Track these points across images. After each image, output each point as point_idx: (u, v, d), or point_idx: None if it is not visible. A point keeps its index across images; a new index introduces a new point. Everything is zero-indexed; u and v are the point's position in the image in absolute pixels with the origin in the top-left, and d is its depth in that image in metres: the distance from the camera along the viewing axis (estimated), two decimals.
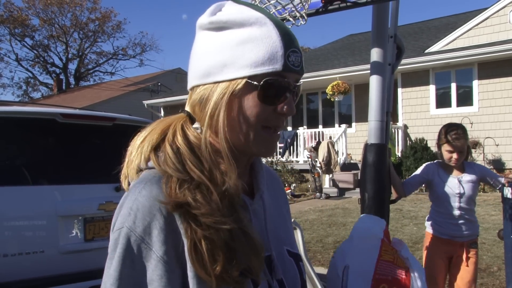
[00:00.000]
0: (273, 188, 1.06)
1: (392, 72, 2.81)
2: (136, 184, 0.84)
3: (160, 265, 0.78)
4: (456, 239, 3.20)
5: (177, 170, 0.83)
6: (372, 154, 2.59)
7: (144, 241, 0.79)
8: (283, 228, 1.02)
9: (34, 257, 3.13)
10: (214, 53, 0.86)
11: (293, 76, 0.87)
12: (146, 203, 0.80)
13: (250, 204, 0.91)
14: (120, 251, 0.79)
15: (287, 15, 2.47)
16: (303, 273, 0.99)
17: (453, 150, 3.12)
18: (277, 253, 0.94)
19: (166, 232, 0.79)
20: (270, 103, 0.85)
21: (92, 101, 23.75)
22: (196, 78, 0.89)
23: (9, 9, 33.76)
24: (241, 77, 0.84)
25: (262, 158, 1.01)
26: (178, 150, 0.85)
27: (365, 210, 2.57)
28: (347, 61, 14.88)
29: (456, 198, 3.16)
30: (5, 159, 3.37)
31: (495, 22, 12.07)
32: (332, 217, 9.00)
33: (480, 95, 12.17)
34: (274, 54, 0.83)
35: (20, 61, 37.73)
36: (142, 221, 0.79)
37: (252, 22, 0.85)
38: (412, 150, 12.11)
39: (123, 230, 0.80)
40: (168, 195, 0.80)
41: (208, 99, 0.86)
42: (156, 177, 0.83)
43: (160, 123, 0.91)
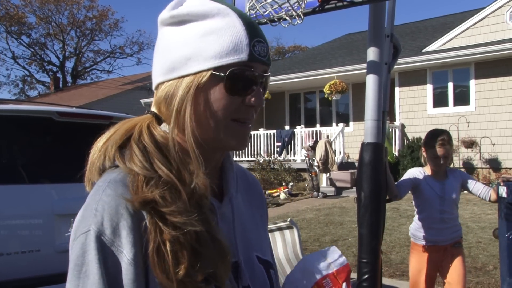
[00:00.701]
0: (247, 192, 1.01)
1: (389, 71, 2.82)
2: (99, 183, 0.80)
3: (131, 268, 0.73)
4: (440, 244, 3.27)
5: (144, 168, 0.78)
6: (368, 153, 2.59)
7: (114, 244, 0.73)
8: (254, 234, 0.97)
9: (30, 256, 3.13)
10: (177, 47, 0.83)
11: (260, 66, 0.84)
12: (112, 202, 0.75)
13: (218, 207, 0.87)
14: (95, 256, 0.72)
15: (284, 14, 2.47)
16: (273, 281, 0.95)
17: (438, 155, 3.20)
18: (246, 259, 0.90)
19: (135, 232, 0.74)
20: (237, 95, 0.82)
21: (89, 99, 23.70)
22: (160, 75, 0.86)
23: (5, 6, 33.64)
24: (206, 69, 0.81)
25: (233, 158, 0.98)
26: (145, 148, 0.82)
27: (362, 209, 2.57)
28: (345, 60, 14.90)
29: (440, 202, 3.24)
30: (1, 158, 3.36)
31: (491, 22, 12.10)
32: (329, 216, 9.01)
33: (476, 95, 12.20)
34: (238, 44, 0.81)
35: (17, 59, 37.72)
36: (110, 222, 0.74)
37: (214, 13, 0.83)
38: (409, 149, 12.13)
39: (90, 233, 0.73)
40: (135, 193, 0.76)
41: (173, 95, 0.83)
42: (120, 175, 0.79)
43: (125, 124, 0.87)
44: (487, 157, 11.97)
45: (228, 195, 0.91)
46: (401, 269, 5.44)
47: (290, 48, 43.05)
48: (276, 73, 16.21)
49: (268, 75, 0.87)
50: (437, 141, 3.21)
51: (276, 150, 14.32)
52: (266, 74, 0.86)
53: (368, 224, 2.52)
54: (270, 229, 3.87)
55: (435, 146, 3.21)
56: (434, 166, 3.26)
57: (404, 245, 6.48)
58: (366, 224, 2.52)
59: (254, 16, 2.59)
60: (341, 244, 6.73)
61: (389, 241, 6.66)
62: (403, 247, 6.41)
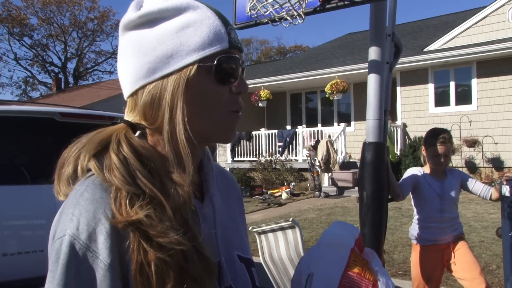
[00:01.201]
0: (225, 190, 1.00)
1: (390, 71, 2.82)
2: (77, 187, 0.76)
3: (109, 274, 0.71)
4: (441, 242, 3.26)
5: (126, 183, 0.74)
6: (370, 152, 2.60)
7: (90, 249, 0.71)
8: (235, 232, 0.96)
9: (33, 256, 3.14)
10: (153, 47, 0.79)
11: (238, 53, 0.84)
12: (89, 206, 0.73)
13: (199, 208, 0.85)
14: (63, 262, 0.70)
15: (285, 14, 2.47)
16: (255, 279, 0.94)
17: (439, 153, 3.19)
18: (227, 258, 0.89)
19: (112, 237, 0.71)
20: (227, 83, 0.81)
21: (91, 100, 23.72)
22: (138, 80, 0.81)
23: (7, 8, 33.74)
24: (192, 62, 0.79)
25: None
26: (126, 160, 0.77)
27: (364, 209, 2.57)
28: (346, 60, 14.88)
29: (440, 201, 3.23)
30: (4, 158, 3.37)
31: (494, 20, 12.08)
32: (331, 216, 9.01)
33: (479, 94, 12.18)
34: (218, 33, 0.81)
35: (19, 60, 37.79)
36: (86, 226, 0.71)
37: (184, 7, 0.81)
38: (411, 149, 12.12)
39: (65, 238, 0.71)
40: (118, 212, 0.72)
41: (160, 96, 0.79)
42: (98, 180, 0.76)
43: (98, 134, 0.83)
44: (490, 156, 11.94)
45: (208, 194, 0.89)
46: (404, 269, 5.44)
47: (291, 48, 43.10)
48: (278, 73, 16.21)
49: (243, 60, 0.87)
50: (438, 139, 3.20)
51: (277, 150, 14.32)
52: (242, 60, 0.86)
53: (370, 224, 2.52)
54: (272, 229, 3.88)
55: (435, 144, 3.20)
56: (434, 165, 3.25)
57: (406, 245, 6.47)
58: (369, 224, 2.52)
59: (255, 16, 2.59)
60: None
61: (391, 240, 6.65)
62: (405, 246, 6.40)
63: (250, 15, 2.65)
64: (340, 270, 0.94)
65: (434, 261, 3.30)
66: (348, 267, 0.94)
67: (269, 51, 46.08)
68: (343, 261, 0.95)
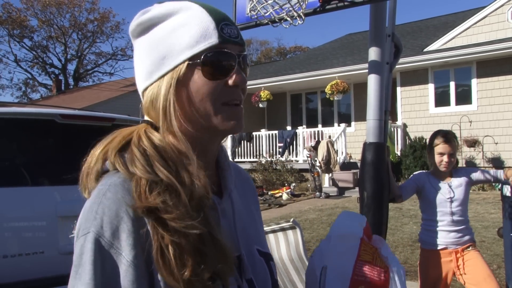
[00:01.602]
0: (241, 186, 1.03)
1: (390, 71, 2.82)
2: (99, 187, 0.81)
3: (131, 269, 0.74)
4: (450, 247, 3.16)
5: (146, 171, 0.79)
6: (370, 153, 2.60)
7: (113, 246, 0.75)
8: (253, 227, 1.00)
9: (34, 258, 3.14)
10: (150, 51, 0.86)
11: (234, 47, 0.86)
12: (112, 205, 0.77)
13: (218, 203, 0.88)
14: (90, 258, 0.74)
15: (285, 15, 2.47)
16: (274, 273, 0.97)
17: (444, 152, 3.14)
18: (247, 252, 0.92)
19: (135, 235, 0.76)
20: (218, 78, 0.84)
21: (91, 101, 23.72)
22: (142, 81, 0.88)
23: (7, 10, 33.74)
24: (182, 61, 0.83)
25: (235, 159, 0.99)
26: (145, 152, 0.82)
27: (364, 209, 2.58)
28: (346, 61, 14.89)
29: (448, 204, 3.16)
30: (4, 160, 3.37)
31: (493, 20, 12.08)
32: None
33: (479, 94, 12.18)
34: (206, 30, 0.83)
35: (19, 62, 37.74)
36: (109, 224, 0.76)
37: (176, 10, 0.86)
38: (412, 149, 12.12)
39: (89, 235, 0.76)
40: (139, 199, 0.77)
41: (157, 95, 0.85)
42: (121, 178, 0.80)
43: (121, 132, 0.89)
44: (490, 156, 11.94)
45: (227, 190, 0.93)
46: (405, 269, 5.43)
47: (291, 48, 43.11)
48: (278, 73, 16.22)
49: (245, 54, 0.88)
50: (442, 138, 3.16)
51: (278, 150, 14.32)
52: (243, 53, 0.88)
53: (371, 224, 2.52)
54: (273, 230, 3.87)
55: (439, 144, 3.16)
56: (439, 166, 3.17)
57: (407, 245, 6.47)
58: (369, 224, 2.52)
59: (256, 17, 2.59)
60: None
61: (392, 241, 6.65)
62: (406, 246, 6.40)
63: (250, 16, 2.65)
64: (352, 261, 0.95)
65: (442, 267, 3.19)
66: (359, 257, 0.95)
67: (269, 51, 46.10)
68: (354, 251, 0.96)
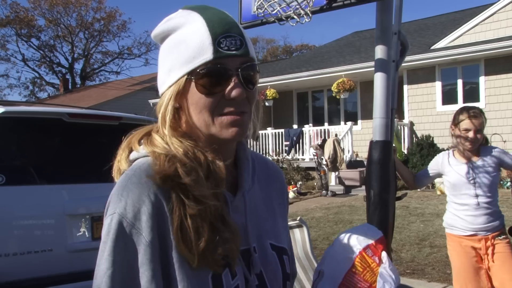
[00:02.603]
0: (266, 181, 1.06)
1: (397, 69, 2.81)
2: (127, 172, 0.89)
3: (149, 249, 0.82)
4: (479, 234, 2.92)
5: (163, 148, 0.88)
6: (377, 151, 2.59)
7: (135, 227, 0.82)
8: (270, 222, 1.02)
9: (42, 255, 3.16)
10: (162, 62, 0.94)
11: (233, 60, 0.87)
12: (135, 190, 0.84)
13: (230, 200, 0.92)
14: (113, 236, 0.83)
15: (292, 13, 2.47)
16: (286, 266, 0.99)
17: (469, 128, 2.90)
18: (259, 246, 0.95)
19: (154, 218, 0.83)
20: (212, 92, 0.87)
21: (98, 100, 23.83)
22: (159, 87, 0.95)
23: (15, 9, 33.93)
24: (181, 76, 0.88)
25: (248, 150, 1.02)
26: (164, 134, 0.91)
27: (371, 207, 2.57)
28: (353, 59, 14.84)
29: (471, 186, 2.91)
30: (13, 159, 3.40)
31: (502, 17, 11.99)
32: (339, 215, 8.99)
33: (487, 91, 12.09)
34: (201, 46, 0.86)
35: (27, 61, 37.95)
36: (132, 207, 0.83)
37: (183, 23, 0.90)
38: (419, 147, 12.06)
39: (115, 216, 0.83)
40: (157, 170, 0.85)
41: (161, 104, 0.92)
42: (145, 165, 0.88)
43: (146, 126, 0.98)
44: None
45: (241, 190, 0.95)
46: (411, 267, 5.42)
47: (297, 47, 43.03)
48: (284, 72, 16.19)
49: (248, 65, 0.89)
50: (468, 113, 2.92)
51: (284, 149, 14.31)
52: (246, 64, 0.88)
53: (378, 222, 2.51)
54: None
55: (465, 119, 2.92)
56: (464, 144, 2.93)
57: (414, 243, 6.45)
58: (376, 222, 2.52)
59: (262, 15, 2.59)
60: None
61: (399, 239, 6.63)
62: (413, 245, 6.38)
63: (257, 14, 2.65)
64: (344, 270, 0.99)
65: (473, 253, 2.95)
66: (352, 267, 0.97)
67: (275, 50, 46.03)
68: (350, 261, 0.98)
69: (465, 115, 2.94)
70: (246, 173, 0.97)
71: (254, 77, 0.91)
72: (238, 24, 0.90)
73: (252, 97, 0.91)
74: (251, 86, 0.90)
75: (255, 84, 0.91)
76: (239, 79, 0.87)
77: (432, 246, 6.26)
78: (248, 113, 0.90)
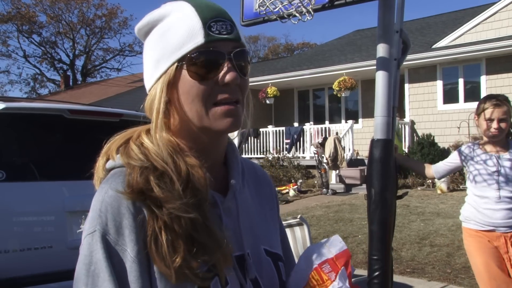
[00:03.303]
0: (255, 185, 1.03)
1: (398, 67, 2.80)
2: (102, 184, 0.84)
3: (135, 265, 0.77)
4: (498, 229, 2.78)
5: (139, 159, 0.83)
6: (378, 149, 2.58)
7: (118, 243, 0.78)
8: (263, 227, 0.98)
9: (42, 252, 3.16)
10: (148, 55, 0.89)
11: (225, 44, 0.84)
12: (114, 203, 0.79)
13: (221, 202, 0.88)
14: (102, 255, 0.77)
15: (294, 11, 2.46)
16: (281, 273, 0.96)
17: (493, 117, 2.76)
18: (253, 252, 0.92)
19: (136, 230, 0.78)
20: (205, 78, 0.83)
21: (99, 97, 23.83)
22: (146, 82, 0.91)
23: (16, 6, 33.93)
24: (171, 64, 0.84)
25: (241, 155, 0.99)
26: (142, 144, 0.86)
27: (372, 206, 2.56)
28: (354, 57, 14.82)
29: (494, 178, 2.79)
30: (13, 155, 3.40)
31: (503, 16, 11.96)
32: (339, 213, 8.99)
33: (488, 91, 12.05)
34: (192, 30, 0.82)
35: (28, 57, 37.97)
36: (113, 222, 0.78)
37: (169, 12, 0.86)
38: (419, 146, 12.05)
39: (96, 233, 0.78)
40: (129, 184, 0.80)
41: (154, 98, 0.86)
42: (122, 175, 0.83)
43: (124, 132, 0.92)
44: None
45: (232, 189, 0.91)
46: (412, 266, 5.42)
47: (298, 45, 42.99)
48: (285, 70, 16.18)
49: (240, 50, 0.85)
50: (492, 102, 2.78)
51: (285, 147, 14.31)
52: (237, 49, 0.85)
53: (378, 221, 2.50)
54: None
55: (488, 108, 2.78)
56: (488, 133, 2.80)
57: (414, 242, 6.45)
58: (377, 221, 2.50)
59: (264, 12, 2.58)
60: (351, 241, 6.72)
61: (399, 238, 6.63)
62: (413, 244, 6.38)
63: (259, 12, 2.64)
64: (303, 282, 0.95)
65: (493, 249, 2.80)
66: (307, 284, 0.94)
67: (277, 48, 45.98)
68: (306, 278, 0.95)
69: (488, 104, 2.79)
70: (236, 172, 0.94)
71: (246, 65, 0.87)
72: (226, 11, 0.87)
73: (244, 85, 0.87)
74: (243, 74, 0.86)
75: (246, 72, 0.87)
76: (232, 64, 0.83)
77: (433, 245, 6.26)
78: (241, 103, 0.86)
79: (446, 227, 7.27)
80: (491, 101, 2.78)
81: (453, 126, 12.23)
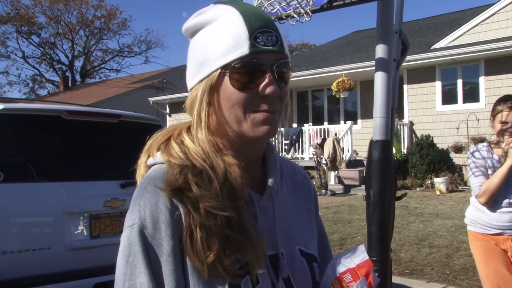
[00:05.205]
0: (294, 186, 1.04)
1: (397, 68, 2.80)
2: (142, 180, 0.88)
3: (171, 259, 0.81)
4: (506, 232, 2.74)
5: (179, 158, 0.86)
6: (377, 150, 2.58)
7: (155, 237, 0.81)
8: (299, 227, 1.00)
9: (40, 253, 3.15)
10: (194, 55, 0.91)
11: (269, 56, 0.85)
12: (152, 198, 0.83)
13: (257, 201, 0.90)
14: (140, 248, 0.81)
15: (292, 12, 2.46)
16: (315, 274, 0.97)
17: (507, 121, 2.71)
18: (287, 252, 0.93)
19: (172, 226, 0.81)
20: (246, 87, 0.85)
21: (98, 98, 23.83)
22: (188, 81, 0.93)
23: (15, 7, 33.93)
24: (215, 69, 0.86)
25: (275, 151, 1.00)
26: (182, 143, 0.89)
27: (371, 207, 2.56)
28: (353, 58, 14.83)
29: (506, 186, 2.74)
30: (11, 156, 3.39)
31: (502, 17, 11.97)
32: (338, 214, 8.99)
33: (486, 92, 12.08)
34: (238, 40, 0.84)
35: (27, 58, 37.94)
36: (151, 217, 0.82)
37: (217, 16, 0.88)
38: (418, 147, 12.06)
39: (134, 227, 0.82)
40: (168, 182, 0.83)
41: (194, 99, 0.89)
42: (161, 172, 0.86)
43: (170, 127, 0.95)
44: None
45: (269, 189, 0.93)
46: (410, 268, 5.42)
47: (297, 45, 42.98)
48: None
49: (282, 62, 0.87)
50: (507, 104, 2.73)
51: (284, 148, 14.31)
52: (280, 61, 0.86)
53: (377, 222, 2.50)
54: None
55: (503, 110, 2.72)
56: (502, 136, 2.73)
57: (413, 243, 6.45)
58: (376, 222, 2.51)
59: None
60: (349, 242, 6.71)
61: (398, 239, 6.63)
62: (412, 245, 6.38)
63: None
64: None
65: (500, 253, 2.76)
66: None
67: None
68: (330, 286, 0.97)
69: (502, 106, 2.74)
70: (274, 172, 0.96)
71: (288, 75, 0.89)
72: (273, 20, 0.89)
73: (284, 95, 0.89)
74: (284, 83, 0.88)
75: (287, 82, 0.89)
76: (274, 76, 0.85)
77: (431, 246, 6.25)
78: (279, 111, 0.89)
79: (445, 228, 7.27)
80: (507, 104, 2.74)
81: (452, 127, 12.24)
